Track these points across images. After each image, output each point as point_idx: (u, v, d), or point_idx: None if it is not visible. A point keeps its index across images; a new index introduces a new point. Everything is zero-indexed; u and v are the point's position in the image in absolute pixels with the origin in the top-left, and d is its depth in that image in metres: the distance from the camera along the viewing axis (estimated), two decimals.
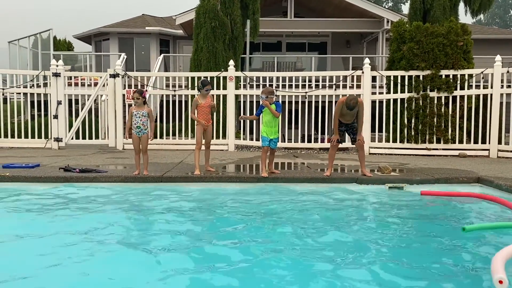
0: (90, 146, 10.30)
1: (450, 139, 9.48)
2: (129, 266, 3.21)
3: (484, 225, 4.23)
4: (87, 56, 17.45)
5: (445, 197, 5.48)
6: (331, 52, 19.09)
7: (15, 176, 6.11)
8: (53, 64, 10.31)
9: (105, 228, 4.10)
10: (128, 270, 3.13)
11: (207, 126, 6.59)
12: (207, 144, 6.68)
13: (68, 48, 21.80)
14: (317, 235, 3.99)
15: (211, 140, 6.81)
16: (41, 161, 7.57)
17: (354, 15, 17.26)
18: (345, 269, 3.14)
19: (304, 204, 5.18)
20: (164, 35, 19.88)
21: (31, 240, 3.77)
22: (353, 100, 6.03)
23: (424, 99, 9.52)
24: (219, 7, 11.44)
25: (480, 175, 6.38)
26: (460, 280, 2.97)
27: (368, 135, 9.74)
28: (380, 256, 3.45)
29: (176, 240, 3.78)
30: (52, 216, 4.57)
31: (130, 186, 5.95)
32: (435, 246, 3.67)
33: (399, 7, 51.29)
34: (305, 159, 8.69)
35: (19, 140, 10.29)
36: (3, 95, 10.71)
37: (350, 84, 10.90)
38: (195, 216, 4.67)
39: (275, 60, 16.82)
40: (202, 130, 6.55)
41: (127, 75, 10.47)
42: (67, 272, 3.07)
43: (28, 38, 14.68)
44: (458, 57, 9.45)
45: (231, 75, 10.16)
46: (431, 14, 11.30)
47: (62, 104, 10.18)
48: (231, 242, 3.75)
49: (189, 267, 3.17)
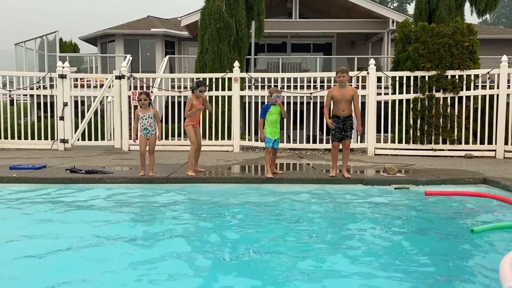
0: (96, 147, 10.35)
1: (456, 140, 9.43)
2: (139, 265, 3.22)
3: (493, 226, 4.13)
4: (93, 58, 17.52)
5: (451, 197, 5.45)
6: (336, 53, 19.06)
7: (22, 177, 6.16)
8: (59, 66, 10.38)
9: (112, 228, 4.12)
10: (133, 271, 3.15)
11: (197, 126, 6.71)
12: (198, 146, 6.76)
13: (74, 50, 21.91)
14: (323, 236, 3.98)
15: (201, 141, 6.96)
16: (48, 163, 7.61)
17: (359, 15, 17.22)
18: (351, 271, 3.14)
19: (310, 205, 5.17)
20: (170, 37, 19.94)
21: (34, 240, 3.80)
22: (342, 73, 6.12)
23: (430, 100, 9.48)
24: (224, 9, 11.46)
25: (487, 176, 6.35)
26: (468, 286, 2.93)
27: (373, 136, 9.73)
28: (386, 259, 3.43)
29: (185, 241, 3.79)
30: (63, 216, 4.60)
31: (136, 187, 5.98)
32: (442, 250, 3.63)
33: (404, 8, 51.15)
34: (310, 160, 8.68)
35: (26, 141, 10.36)
36: (10, 97, 10.79)
37: (355, 85, 10.89)
38: (202, 217, 4.68)
39: (280, 61, 16.85)
40: (193, 131, 6.60)
41: (132, 77, 10.51)
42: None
43: (35, 40, 14.78)
44: (464, 58, 9.40)
45: (236, 76, 10.17)
46: (437, 14, 11.26)
47: (68, 106, 10.24)
48: (236, 241, 3.75)
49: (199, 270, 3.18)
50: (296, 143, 10.45)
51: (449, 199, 5.44)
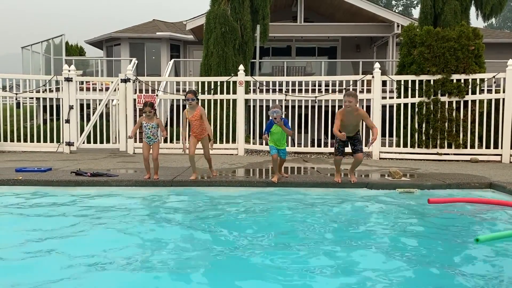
0: (101, 150, 10.40)
1: (461, 144, 9.39)
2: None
3: (499, 235, 3.91)
4: (98, 61, 17.65)
5: (456, 204, 5.40)
6: (341, 57, 19.06)
7: (27, 180, 6.19)
8: (65, 69, 10.45)
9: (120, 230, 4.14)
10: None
11: (201, 138, 6.38)
12: (206, 156, 6.54)
13: (80, 53, 22.06)
14: (325, 237, 3.97)
15: (209, 152, 6.55)
16: (53, 165, 7.65)
17: (364, 19, 17.23)
18: (353, 271, 3.13)
19: (315, 209, 5.16)
20: (175, 40, 20.04)
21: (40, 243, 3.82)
22: (349, 97, 5.83)
23: (435, 104, 9.46)
24: (229, 12, 11.51)
25: (493, 181, 6.32)
26: None
27: (378, 139, 9.71)
28: (391, 265, 3.41)
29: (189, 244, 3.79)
30: (69, 217, 4.62)
31: (141, 190, 5.99)
32: (446, 258, 3.55)
33: (410, 12, 51.14)
34: (314, 163, 8.67)
35: (32, 144, 10.43)
36: (16, 100, 10.87)
37: (360, 88, 10.89)
38: (208, 219, 4.68)
39: (284, 65, 16.88)
40: (196, 142, 6.37)
41: (138, 80, 10.56)
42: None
43: (41, 43, 14.90)
44: (470, 62, 9.38)
45: (240, 80, 10.20)
46: (442, 18, 11.26)
47: (74, 109, 10.30)
48: (242, 245, 3.75)
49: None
50: (301, 147, 10.44)
51: (452, 206, 5.39)
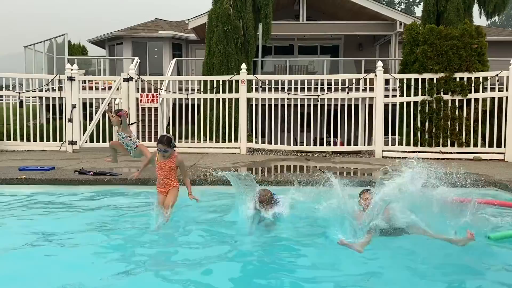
0: (104, 149, 10.37)
1: (464, 143, 9.37)
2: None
3: (510, 233, 3.89)
4: (101, 60, 17.63)
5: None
6: (343, 55, 19.02)
7: (31, 179, 6.21)
8: (67, 68, 10.46)
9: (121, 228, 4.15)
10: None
11: (165, 192, 4.68)
12: (166, 203, 4.58)
13: (83, 52, 22.09)
14: (325, 238, 3.97)
15: (170, 203, 4.58)
16: (56, 164, 7.67)
17: (367, 17, 17.19)
18: (357, 271, 3.13)
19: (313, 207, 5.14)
20: (177, 39, 20.04)
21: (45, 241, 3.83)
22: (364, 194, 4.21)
23: (438, 102, 9.43)
24: (231, 11, 11.50)
25: (496, 179, 6.30)
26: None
27: (381, 138, 9.69)
28: (398, 264, 3.40)
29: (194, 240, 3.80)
30: (73, 216, 4.64)
31: (144, 189, 6.00)
32: (459, 256, 3.52)
33: (412, 10, 50.96)
34: (317, 162, 8.66)
35: (35, 143, 10.45)
36: (19, 99, 10.88)
37: (363, 87, 10.87)
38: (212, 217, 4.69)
39: (287, 63, 16.84)
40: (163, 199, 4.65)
41: (140, 79, 10.57)
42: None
43: (44, 42, 14.90)
44: (473, 60, 9.34)
45: (243, 79, 10.19)
46: (445, 16, 11.22)
47: (76, 108, 10.32)
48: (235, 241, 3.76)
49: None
50: (303, 146, 10.43)
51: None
